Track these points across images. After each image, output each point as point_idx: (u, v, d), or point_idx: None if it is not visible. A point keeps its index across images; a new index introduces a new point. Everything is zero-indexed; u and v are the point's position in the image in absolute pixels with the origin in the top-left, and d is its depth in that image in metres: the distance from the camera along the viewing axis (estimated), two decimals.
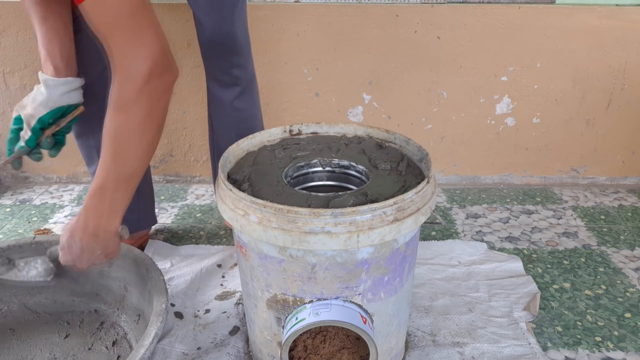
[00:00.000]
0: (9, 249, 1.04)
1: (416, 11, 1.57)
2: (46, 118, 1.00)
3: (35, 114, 0.99)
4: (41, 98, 0.99)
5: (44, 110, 1.00)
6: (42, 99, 0.99)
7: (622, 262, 1.32)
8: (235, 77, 1.26)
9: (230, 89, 1.27)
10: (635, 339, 1.06)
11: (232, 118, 1.31)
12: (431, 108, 1.70)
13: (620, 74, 1.63)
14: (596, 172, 1.79)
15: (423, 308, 1.13)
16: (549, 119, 1.70)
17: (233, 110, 1.29)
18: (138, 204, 1.34)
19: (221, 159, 0.86)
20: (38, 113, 0.99)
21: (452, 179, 1.81)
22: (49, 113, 1.00)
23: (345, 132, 1.03)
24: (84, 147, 1.24)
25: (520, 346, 1.01)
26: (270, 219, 0.71)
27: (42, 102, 0.99)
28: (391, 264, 0.79)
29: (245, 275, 0.86)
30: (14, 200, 1.71)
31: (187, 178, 1.83)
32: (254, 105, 1.35)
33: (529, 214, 1.58)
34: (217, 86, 1.28)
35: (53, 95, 1.00)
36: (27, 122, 1.00)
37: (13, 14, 1.57)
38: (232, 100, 1.28)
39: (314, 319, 0.75)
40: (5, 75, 1.65)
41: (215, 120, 1.35)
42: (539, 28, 1.58)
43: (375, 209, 0.71)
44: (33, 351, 1.02)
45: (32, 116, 0.99)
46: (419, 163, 0.90)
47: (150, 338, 0.80)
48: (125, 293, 1.05)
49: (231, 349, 1.01)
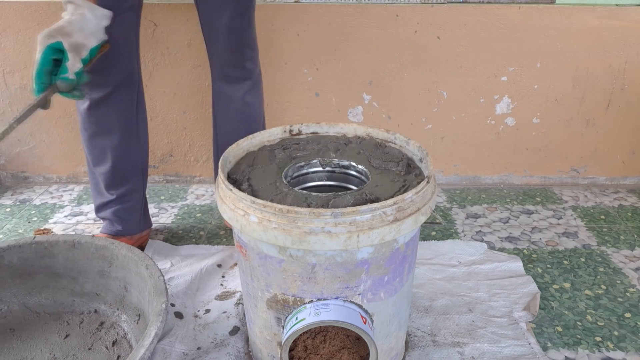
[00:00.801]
0: (9, 249, 1.04)
1: (416, 11, 1.57)
2: (95, 50, 0.93)
3: (88, 43, 0.91)
4: (91, 27, 0.91)
5: (95, 42, 0.92)
6: (91, 29, 0.91)
7: (622, 262, 1.32)
8: (248, 70, 1.26)
9: (241, 84, 1.27)
10: (635, 339, 1.06)
11: (243, 114, 1.31)
12: (431, 108, 1.70)
13: (620, 74, 1.63)
14: (596, 172, 1.79)
15: (423, 308, 1.13)
16: (549, 119, 1.70)
17: (244, 105, 1.29)
18: (142, 205, 1.34)
19: (221, 159, 0.86)
20: (90, 43, 0.91)
21: (452, 179, 1.81)
22: (98, 45, 0.94)
23: (345, 132, 1.03)
24: (96, 148, 1.23)
25: (520, 346, 1.01)
26: (270, 219, 0.71)
27: (92, 32, 0.91)
28: (391, 264, 0.79)
29: (245, 275, 0.86)
30: (14, 200, 1.71)
31: (187, 178, 1.83)
32: (262, 101, 1.36)
33: (529, 214, 1.58)
34: (226, 84, 1.28)
35: (100, 26, 0.93)
36: (76, 51, 0.90)
37: (13, 14, 1.57)
38: (243, 96, 1.28)
39: (314, 319, 0.75)
40: (5, 75, 1.65)
41: (223, 120, 1.34)
42: (539, 28, 1.58)
43: (375, 209, 0.71)
44: (33, 351, 1.02)
45: (83, 46, 0.90)
46: (419, 163, 0.90)
47: (150, 338, 0.80)
48: (125, 293, 1.05)
49: (231, 349, 1.01)
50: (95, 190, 1.31)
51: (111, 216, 1.30)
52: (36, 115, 1.69)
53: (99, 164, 1.25)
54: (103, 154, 1.23)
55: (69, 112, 1.71)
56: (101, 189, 1.28)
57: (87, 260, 1.06)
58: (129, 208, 1.31)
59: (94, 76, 1.12)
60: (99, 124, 1.19)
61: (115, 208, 1.29)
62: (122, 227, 1.31)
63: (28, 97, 1.68)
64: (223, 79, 1.28)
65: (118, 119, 1.21)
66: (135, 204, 1.32)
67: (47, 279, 1.08)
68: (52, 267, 1.07)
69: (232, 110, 1.31)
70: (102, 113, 1.19)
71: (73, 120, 1.72)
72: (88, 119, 1.19)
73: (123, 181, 1.27)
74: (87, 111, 1.18)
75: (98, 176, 1.27)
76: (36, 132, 1.74)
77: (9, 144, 1.77)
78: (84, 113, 1.19)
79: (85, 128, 1.21)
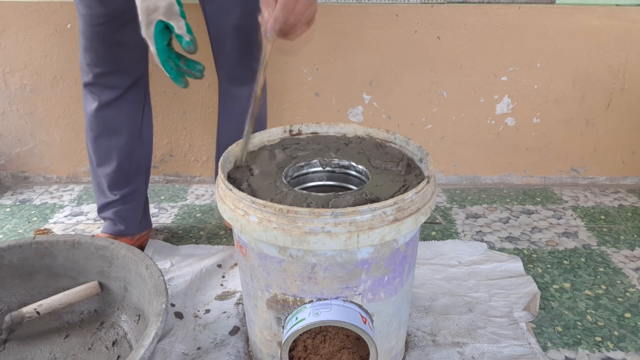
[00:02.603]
0: (9, 249, 1.04)
1: (416, 11, 1.57)
2: None
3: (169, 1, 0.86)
4: None
5: None
6: None
7: (622, 262, 1.32)
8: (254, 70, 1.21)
9: (248, 86, 1.25)
10: (635, 339, 1.06)
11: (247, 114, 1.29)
12: (431, 108, 1.70)
13: (620, 74, 1.63)
14: (596, 172, 1.79)
15: (423, 308, 1.13)
16: (549, 119, 1.70)
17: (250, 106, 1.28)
18: (143, 207, 1.35)
19: (221, 159, 0.86)
20: None
21: (452, 179, 1.81)
22: None
23: (345, 132, 1.03)
24: (102, 148, 1.23)
25: (520, 346, 1.01)
26: (270, 219, 0.71)
27: None
28: (391, 264, 0.79)
29: (245, 275, 0.86)
30: (14, 200, 1.71)
31: (187, 178, 1.83)
32: (265, 101, 1.35)
33: (529, 214, 1.58)
34: (234, 85, 1.27)
35: None
36: (170, 14, 0.86)
37: (13, 14, 1.57)
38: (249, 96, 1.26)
39: (314, 319, 0.75)
40: (5, 75, 1.65)
41: (227, 120, 1.33)
42: (539, 28, 1.58)
43: (375, 209, 0.71)
44: (33, 351, 1.02)
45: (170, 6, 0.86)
46: (419, 163, 0.90)
47: (150, 338, 0.80)
48: (125, 293, 1.05)
49: (231, 349, 1.01)
50: (97, 190, 1.31)
51: (113, 216, 1.31)
52: (36, 115, 1.71)
53: (103, 164, 1.25)
54: (108, 154, 1.24)
55: (69, 112, 1.71)
56: (104, 189, 1.29)
57: (87, 260, 1.06)
58: (131, 208, 1.31)
59: (105, 78, 1.15)
60: (106, 125, 1.20)
61: (118, 208, 1.30)
62: (125, 227, 1.32)
63: (28, 97, 1.68)
64: (230, 80, 1.27)
65: (126, 121, 1.22)
66: (138, 205, 1.32)
67: (47, 279, 1.08)
68: (52, 267, 1.07)
69: (236, 111, 1.29)
70: (110, 115, 1.20)
71: (73, 120, 1.72)
72: (95, 120, 1.20)
73: (126, 182, 1.28)
74: (95, 112, 1.19)
75: (102, 177, 1.27)
76: (36, 132, 1.74)
77: (9, 144, 1.77)
78: (92, 114, 1.19)
79: (92, 129, 1.21)
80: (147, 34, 0.88)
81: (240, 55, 1.22)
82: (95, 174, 1.29)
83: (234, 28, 1.17)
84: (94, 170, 1.28)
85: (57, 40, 1.60)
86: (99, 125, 1.20)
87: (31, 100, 1.69)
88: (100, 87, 1.16)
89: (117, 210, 1.30)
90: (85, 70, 1.16)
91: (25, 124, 1.73)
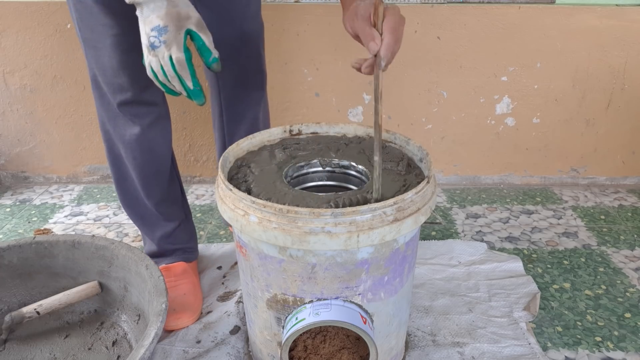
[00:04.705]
0: (9, 249, 1.04)
1: (416, 11, 1.57)
2: None
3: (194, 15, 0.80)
4: None
5: None
6: None
7: (622, 262, 1.32)
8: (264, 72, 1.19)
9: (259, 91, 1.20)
10: (635, 339, 1.06)
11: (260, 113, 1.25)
12: (431, 108, 1.70)
13: (620, 74, 1.63)
14: (596, 172, 1.79)
15: (423, 308, 1.13)
16: (549, 119, 1.70)
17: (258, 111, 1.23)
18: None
19: (221, 159, 0.86)
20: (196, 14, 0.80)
21: (452, 179, 1.81)
22: None
23: (345, 132, 1.03)
24: (148, 177, 1.11)
25: (520, 346, 1.01)
26: (270, 219, 0.71)
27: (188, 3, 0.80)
28: (391, 264, 0.79)
29: (245, 275, 0.86)
30: (14, 200, 1.71)
31: (187, 178, 1.83)
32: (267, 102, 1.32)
33: (529, 214, 1.58)
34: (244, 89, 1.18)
35: None
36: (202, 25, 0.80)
37: (13, 14, 1.57)
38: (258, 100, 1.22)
39: (314, 319, 0.75)
40: (5, 75, 1.66)
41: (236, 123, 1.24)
42: (539, 28, 1.58)
43: (375, 209, 0.71)
44: (33, 351, 1.02)
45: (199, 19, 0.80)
46: (419, 163, 0.90)
47: (150, 338, 0.80)
48: (125, 293, 1.05)
49: (231, 349, 1.01)
50: (146, 225, 1.18)
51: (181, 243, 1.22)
52: (36, 115, 1.70)
53: (152, 196, 1.12)
54: (157, 183, 1.11)
55: (69, 112, 1.71)
56: (159, 222, 1.17)
57: (87, 260, 1.06)
58: (191, 225, 1.25)
59: (145, 94, 1.01)
60: (152, 152, 1.07)
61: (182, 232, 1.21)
62: (194, 245, 1.25)
63: (28, 97, 1.68)
64: (240, 85, 1.17)
65: (163, 141, 1.10)
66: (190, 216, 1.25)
67: (47, 279, 1.08)
68: (52, 267, 1.07)
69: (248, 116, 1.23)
70: (153, 136, 1.06)
71: (73, 121, 1.72)
72: (139, 147, 1.05)
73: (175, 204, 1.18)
74: (138, 137, 1.04)
75: (152, 207, 1.14)
76: (36, 132, 1.75)
77: (9, 144, 1.77)
78: (134, 140, 1.04)
79: (134, 157, 1.06)
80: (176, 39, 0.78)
81: (249, 60, 1.14)
82: (138, 208, 1.15)
83: (241, 33, 1.10)
84: (137, 205, 1.14)
85: (57, 40, 1.60)
86: (143, 152, 1.06)
87: (31, 100, 1.70)
88: (141, 105, 1.02)
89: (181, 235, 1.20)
90: (119, 88, 0.99)
91: (25, 124, 1.74)
